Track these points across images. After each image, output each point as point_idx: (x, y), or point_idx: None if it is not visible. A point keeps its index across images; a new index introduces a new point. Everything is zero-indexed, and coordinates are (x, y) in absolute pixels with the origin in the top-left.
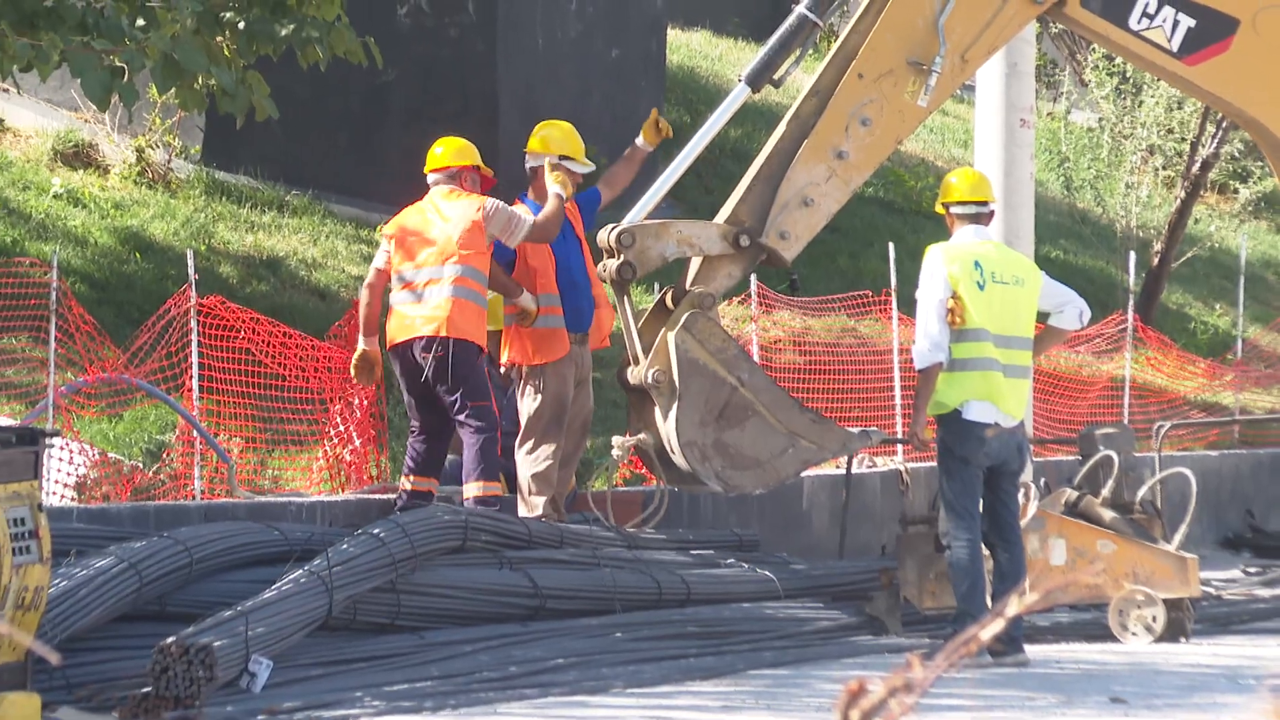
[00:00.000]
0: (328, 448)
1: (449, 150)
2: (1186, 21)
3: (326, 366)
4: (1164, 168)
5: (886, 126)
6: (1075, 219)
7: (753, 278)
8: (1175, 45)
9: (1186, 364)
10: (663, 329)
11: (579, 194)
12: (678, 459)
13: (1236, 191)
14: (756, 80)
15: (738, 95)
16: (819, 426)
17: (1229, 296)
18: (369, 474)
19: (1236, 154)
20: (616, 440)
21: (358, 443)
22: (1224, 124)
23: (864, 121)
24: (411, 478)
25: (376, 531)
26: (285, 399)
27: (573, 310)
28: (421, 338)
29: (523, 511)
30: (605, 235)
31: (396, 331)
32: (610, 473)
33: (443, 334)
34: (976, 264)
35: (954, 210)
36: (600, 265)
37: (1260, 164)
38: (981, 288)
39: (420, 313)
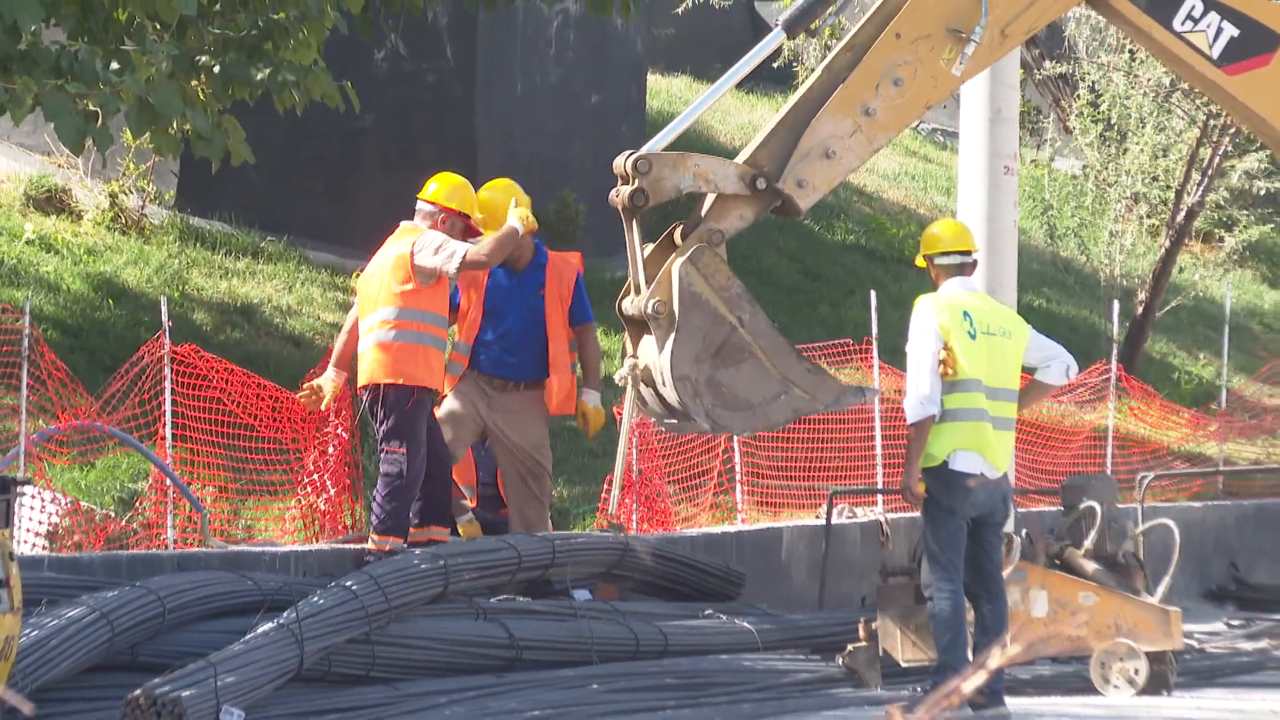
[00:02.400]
0: (301, 497)
1: (442, 188)
2: (1230, 30)
3: (301, 415)
4: (1148, 216)
5: (918, 90)
6: (1059, 267)
7: None
8: (1216, 53)
9: (1170, 414)
10: (668, 259)
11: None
12: (668, 392)
13: (1222, 240)
14: (794, 26)
15: (772, 39)
16: (814, 377)
17: (1213, 346)
18: (343, 523)
19: (1222, 202)
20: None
21: (332, 492)
22: (1209, 171)
23: (896, 82)
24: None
25: (349, 584)
26: (259, 447)
27: (487, 355)
28: (364, 387)
29: None
30: (622, 161)
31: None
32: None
33: (373, 383)
34: (966, 314)
35: (938, 261)
36: (613, 191)
37: (1245, 212)
38: (973, 338)
39: (361, 366)
